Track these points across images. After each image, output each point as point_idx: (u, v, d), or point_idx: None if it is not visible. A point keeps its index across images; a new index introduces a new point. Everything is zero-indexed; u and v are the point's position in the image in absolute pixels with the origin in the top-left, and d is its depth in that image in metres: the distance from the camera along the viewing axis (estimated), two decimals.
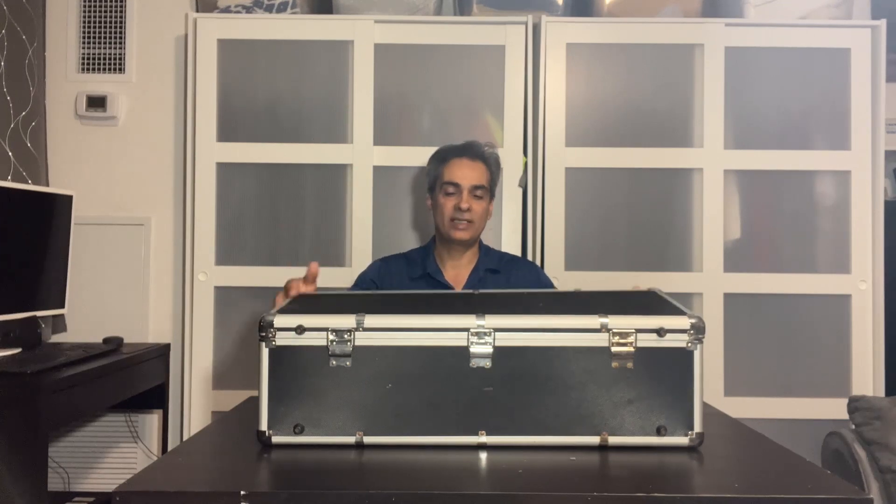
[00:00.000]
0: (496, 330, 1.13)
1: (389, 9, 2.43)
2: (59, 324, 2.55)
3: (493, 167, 1.96)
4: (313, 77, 2.44)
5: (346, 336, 1.13)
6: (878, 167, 2.38)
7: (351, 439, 1.12)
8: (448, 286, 1.90)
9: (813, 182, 2.41)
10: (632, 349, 1.13)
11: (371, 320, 1.14)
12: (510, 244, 2.40)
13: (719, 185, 2.39)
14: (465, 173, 1.89)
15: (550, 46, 2.40)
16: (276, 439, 1.12)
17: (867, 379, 2.36)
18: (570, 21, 2.43)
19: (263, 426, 1.13)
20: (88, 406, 2.13)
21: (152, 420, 2.50)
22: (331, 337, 1.13)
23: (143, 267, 2.59)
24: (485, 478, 1.02)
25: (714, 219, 2.38)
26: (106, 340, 2.34)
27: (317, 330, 1.14)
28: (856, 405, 2.07)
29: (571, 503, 0.92)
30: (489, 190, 1.93)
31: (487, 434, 1.12)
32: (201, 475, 1.04)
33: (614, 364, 1.12)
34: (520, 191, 2.41)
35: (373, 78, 2.41)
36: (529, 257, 2.39)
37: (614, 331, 1.13)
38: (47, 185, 2.57)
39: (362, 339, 1.13)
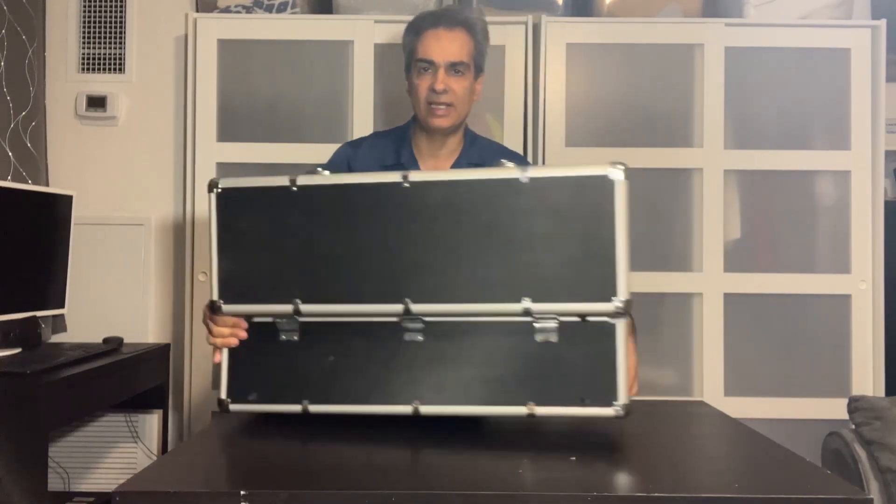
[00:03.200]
0: (423, 315, 1.19)
1: (389, 9, 2.43)
2: (59, 324, 2.55)
3: (478, 35, 1.66)
4: (313, 77, 2.43)
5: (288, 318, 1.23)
6: (878, 167, 2.38)
7: (297, 408, 1.21)
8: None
9: (813, 182, 2.41)
10: (555, 324, 1.15)
11: (307, 308, 1.22)
12: None
13: (719, 185, 2.38)
14: (442, 46, 1.60)
15: (550, 46, 2.40)
16: (232, 407, 1.24)
17: (867, 379, 2.36)
18: (570, 21, 2.43)
19: (223, 395, 1.25)
20: (88, 406, 2.13)
21: (152, 420, 2.50)
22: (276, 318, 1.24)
23: (143, 267, 2.58)
24: (485, 478, 1.02)
25: (714, 219, 2.38)
26: (106, 340, 2.34)
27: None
28: (856, 405, 2.07)
29: (571, 503, 0.92)
30: (473, 65, 1.65)
31: (422, 404, 1.17)
32: (201, 475, 1.04)
33: (539, 338, 1.15)
34: None
35: (373, 78, 2.41)
36: None
37: (537, 315, 1.15)
38: (47, 185, 2.57)
39: (307, 316, 1.22)
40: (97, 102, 2.58)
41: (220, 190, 1.24)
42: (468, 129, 1.75)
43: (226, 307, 1.25)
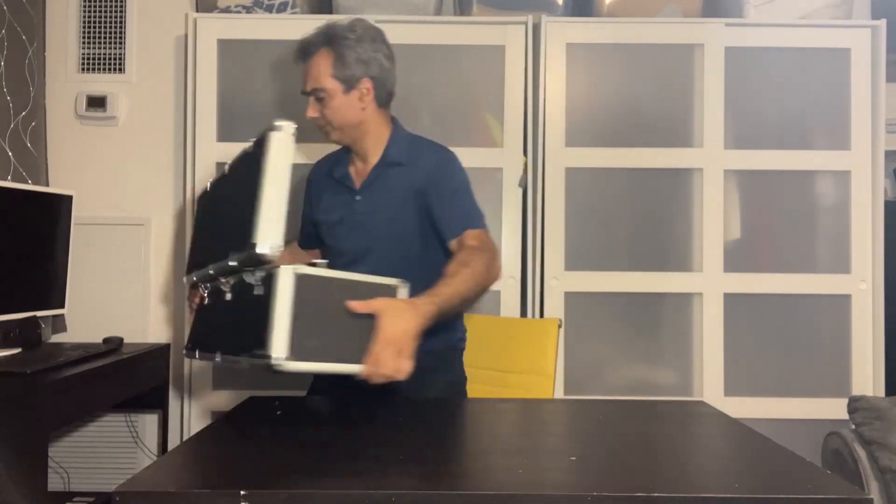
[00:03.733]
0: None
1: (389, 9, 2.43)
2: (59, 324, 2.55)
3: (339, 48, 1.62)
4: None
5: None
6: (878, 167, 2.38)
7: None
8: (347, 184, 1.73)
9: (813, 182, 2.42)
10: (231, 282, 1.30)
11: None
12: (510, 244, 2.40)
13: (719, 185, 2.39)
14: (305, 77, 1.66)
15: (550, 46, 2.40)
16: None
17: (867, 379, 2.36)
18: (570, 21, 2.43)
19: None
20: (88, 406, 2.13)
21: (152, 420, 2.50)
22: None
23: (143, 267, 2.58)
24: (485, 478, 1.02)
25: (714, 219, 2.38)
26: (106, 340, 2.34)
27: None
28: (856, 405, 2.07)
29: (571, 503, 0.92)
30: (339, 82, 1.62)
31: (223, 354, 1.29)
32: (201, 475, 1.04)
33: (255, 292, 1.20)
34: (520, 191, 2.41)
35: None
36: (529, 257, 2.39)
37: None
38: (47, 185, 2.57)
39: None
40: (97, 102, 2.58)
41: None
42: (395, 129, 1.73)
43: None
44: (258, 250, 1.13)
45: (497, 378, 2.07)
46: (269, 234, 1.12)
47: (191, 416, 2.41)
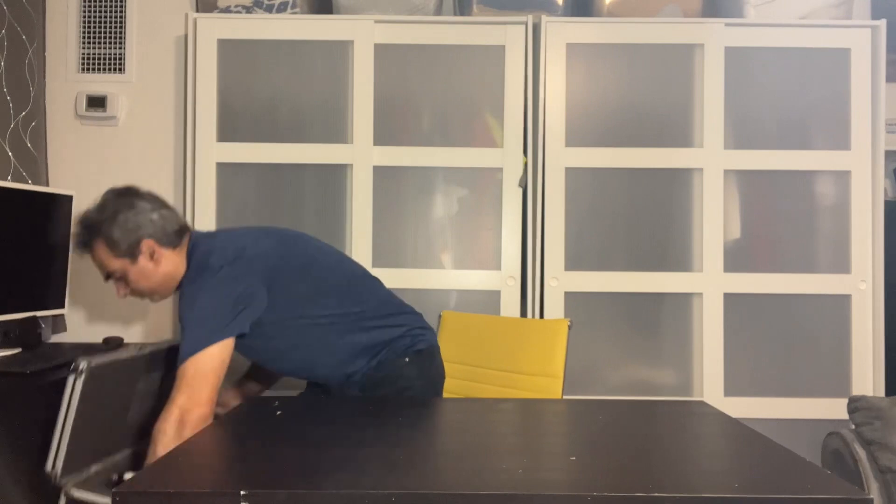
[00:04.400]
0: None
1: (389, 9, 2.43)
2: (59, 324, 2.55)
3: (108, 237, 1.67)
4: (313, 77, 2.44)
5: None
6: (878, 167, 2.38)
7: None
8: None
9: (813, 182, 2.42)
10: None
11: None
12: (510, 244, 2.40)
13: (719, 185, 2.39)
14: (96, 267, 1.73)
15: (550, 46, 2.40)
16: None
17: (867, 379, 2.36)
18: (570, 21, 2.43)
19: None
20: None
21: None
22: None
23: None
24: (485, 478, 1.02)
25: (714, 219, 2.38)
26: (106, 340, 2.34)
27: None
28: (856, 405, 2.07)
29: (571, 503, 0.92)
30: (125, 259, 1.67)
31: None
32: (201, 475, 1.04)
33: None
34: (520, 191, 2.41)
35: (373, 78, 2.41)
36: (529, 257, 2.39)
37: None
38: (47, 185, 2.57)
39: None
40: (97, 102, 2.58)
41: None
42: (194, 245, 1.71)
43: None
44: None
45: (506, 379, 2.07)
46: None
47: None
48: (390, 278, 2.38)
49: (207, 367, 1.53)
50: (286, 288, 1.69)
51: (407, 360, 1.81)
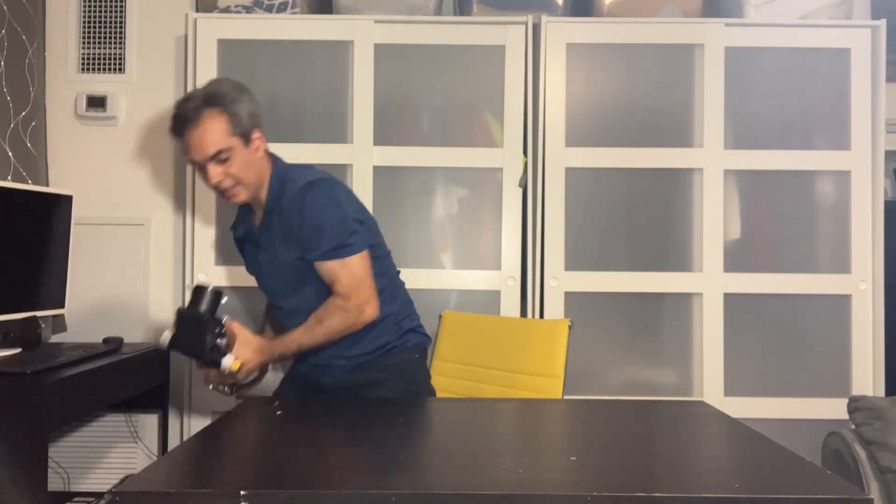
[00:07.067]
0: None
1: (389, 9, 2.43)
2: (59, 324, 2.55)
3: (227, 107, 1.66)
4: (313, 77, 2.44)
5: None
6: (878, 167, 2.38)
7: None
8: (252, 232, 1.83)
9: (813, 182, 2.41)
10: None
11: None
12: (510, 244, 2.40)
13: (719, 185, 2.39)
14: (196, 145, 1.65)
15: (550, 46, 2.40)
16: None
17: (867, 379, 2.36)
18: (570, 21, 2.43)
19: None
20: (88, 406, 2.13)
21: (152, 420, 2.50)
22: None
23: (143, 267, 2.58)
24: (485, 478, 1.02)
25: (714, 219, 2.38)
26: (106, 340, 2.34)
27: None
28: (856, 405, 2.07)
29: (571, 503, 0.92)
30: (236, 138, 1.67)
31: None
32: (201, 475, 1.04)
33: None
34: (520, 191, 2.41)
35: (373, 78, 2.41)
36: (529, 258, 2.39)
37: None
38: (47, 185, 2.57)
39: None
40: (97, 102, 2.58)
41: None
42: (273, 169, 1.78)
43: None
44: None
45: (506, 378, 2.07)
46: None
47: (191, 416, 2.41)
48: None
49: (364, 270, 1.66)
50: (369, 231, 1.77)
51: (417, 356, 1.83)
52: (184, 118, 1.66)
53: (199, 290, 1.61)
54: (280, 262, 1.75)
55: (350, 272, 1.65)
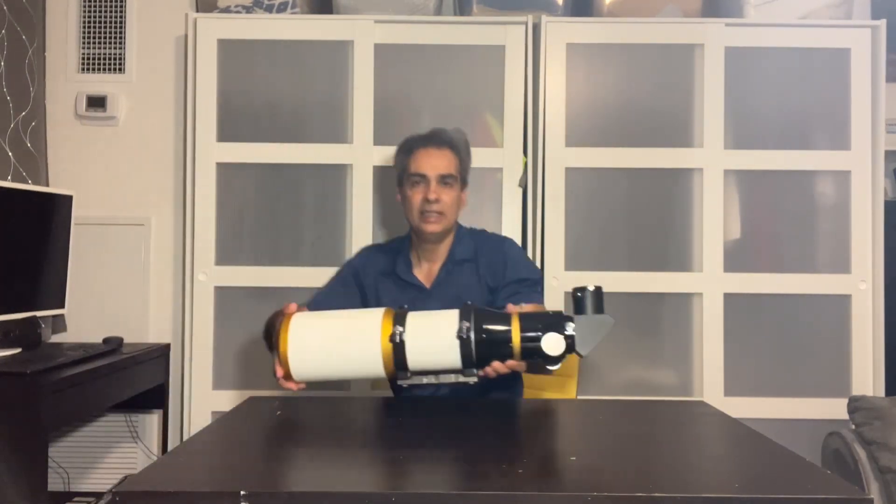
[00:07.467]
0: None
1: (389, 9, 2.43)
2: (59, 324, 2.55)
3: (462, 153, 1.84)
4: (313, 77, 2.43)
5: None
6: (878, 167, 2.38)
7: None
8: (416, 283, 1.82)
9: (813, 182, 2.41)
10: None
11: None
12: None
13: (719, 185, 2.38)
14: (432, 163, 1.77)
15: (550, 46, 2.40)
16: None
17: (867, 379, 2.36)
18: (570, 21, 2.43)
19: None
20: (88, 406, 2.13)
21: (152, 420, 2.50)
22: None
23: (143, 267, 2.58)
24: (485, 478, 1.02)
25: (714, 219, 2.38)
26: (106, 340, 2.34)
27: None
28: (856, 405, 2.07)
29: (571, 503, 0.92)
30: (459, 178, 1.82)
31: None
32: (201, 475, 1.04)
33: None
34: (520, 191, 2.41)
35: (373, 78, 2.41)
36: (529, 257, 2.39)
37: None
38: (47, 185, 2.57)
39: None
40: (97, 102, 2.58)
41: None
42: (461, 228, 1.90)
43: None
44: None
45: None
46: None
47: (191, 416, 2.41)
48: None
49: None
50: None
51: None
52: (433, 137, 1.82)
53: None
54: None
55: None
